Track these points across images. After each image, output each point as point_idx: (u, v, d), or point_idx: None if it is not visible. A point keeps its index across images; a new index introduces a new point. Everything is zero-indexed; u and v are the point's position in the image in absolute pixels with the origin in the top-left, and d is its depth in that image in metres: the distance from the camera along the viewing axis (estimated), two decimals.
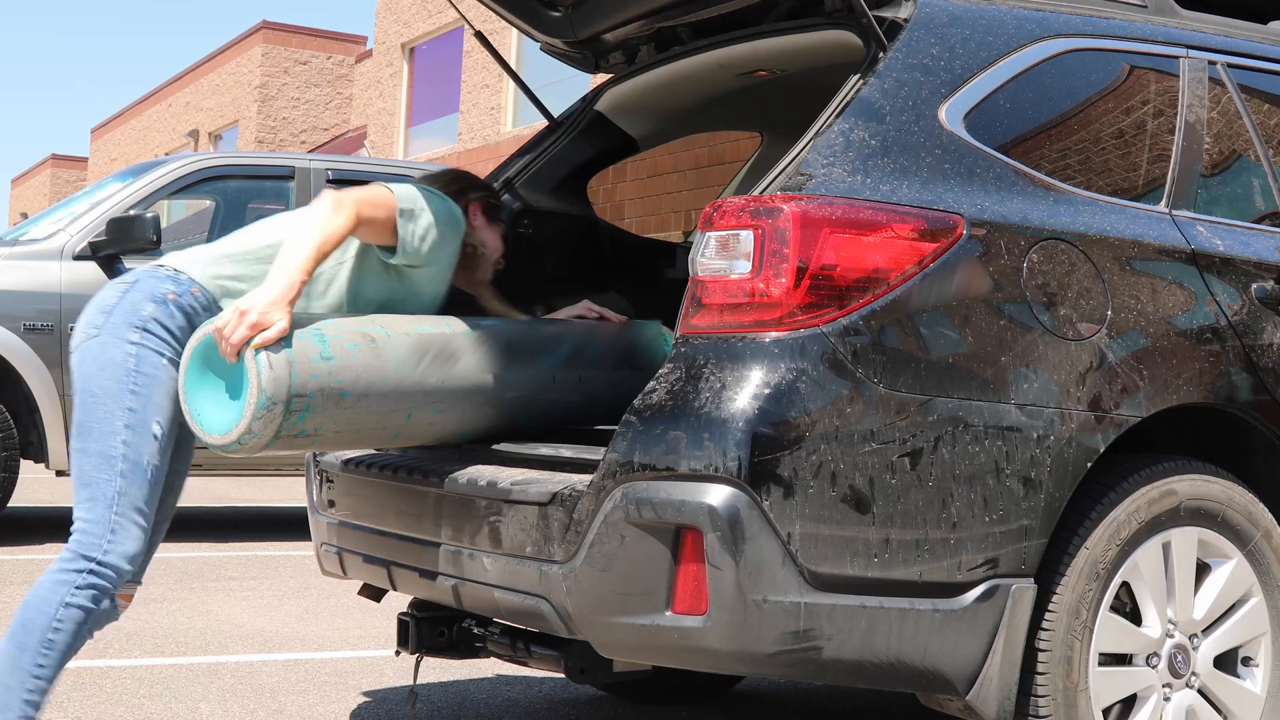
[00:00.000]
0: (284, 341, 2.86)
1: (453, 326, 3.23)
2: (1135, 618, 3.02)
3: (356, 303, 3.20)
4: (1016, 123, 3.09)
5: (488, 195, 3.51)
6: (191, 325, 2.97)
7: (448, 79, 22.31)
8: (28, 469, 12.43)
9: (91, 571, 2.82)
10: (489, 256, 3.50)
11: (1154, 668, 3.02)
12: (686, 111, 4.24)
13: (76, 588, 2.81)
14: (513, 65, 3.91)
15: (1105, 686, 2.94)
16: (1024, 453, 2.83)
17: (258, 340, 2.82)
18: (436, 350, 3.14)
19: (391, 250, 3.17)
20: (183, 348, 2.95)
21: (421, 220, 3.16)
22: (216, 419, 2.90)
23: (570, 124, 4.21)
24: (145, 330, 2.90)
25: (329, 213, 2.97)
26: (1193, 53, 3.45)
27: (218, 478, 12.19)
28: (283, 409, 2.85)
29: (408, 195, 3.14)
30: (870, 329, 2.73)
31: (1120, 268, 3.05)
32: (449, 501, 3.09)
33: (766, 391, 2.66)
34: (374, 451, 3.58)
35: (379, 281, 3.23)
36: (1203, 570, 3.12)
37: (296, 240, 2.93)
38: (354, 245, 3.18)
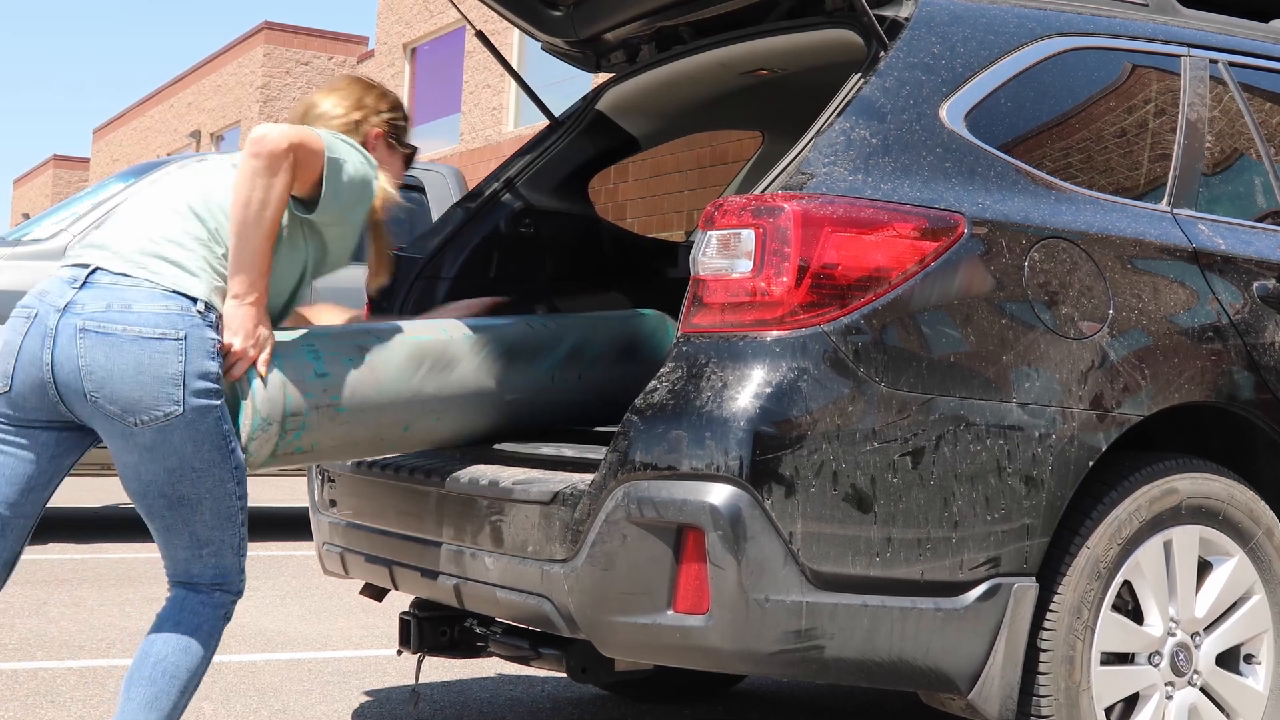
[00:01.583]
0: (276, 360, 2.84)
1: (450, 332, 3.20)
2: (1137, 616, 3.02)
3: (273, 283, 2.91)
4: (1018, 121, 3.09)
5: (392, 115, 3.13)
6: None
7: (449, 79, 22.31)
8: None
9: (233, 602, 2.88)
10: (390, 197, 3.05)
11: (1156, 666, 3.02)
12: (688, 111, 4.24)
13: (225, 617, 2.86)
14: (514, 65, 3.91)
15: (1107, 685, 2.94)
16: (1026, 451, 2.83)
17: (258, 366, 2.80)
18: (434, 358, 3.12)
19: (308, 204, 2.86)
20: None
21: (346, 168, 2.86)
22: None
23: (572, 123, 4.21)
24: (216, 389, 2.72)
25: (267, 178, 2.71)
26: (1194, 51, 3.45)
27: None
28: (278, 429, 2.85)
29: (329, 139, 2.84)
30: (872, 328, 2.73)
31: (1122, 266, 3.05)
32: (451, 501, 3.09)
33: (768, 390, 2.66)
34: None
35: (287, 248, 2.90)
36: (1204, 568, 3.12)
37: (245, 230, 2.73)
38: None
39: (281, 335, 2.93)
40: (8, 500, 2.76)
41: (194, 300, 2.71)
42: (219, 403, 2.72)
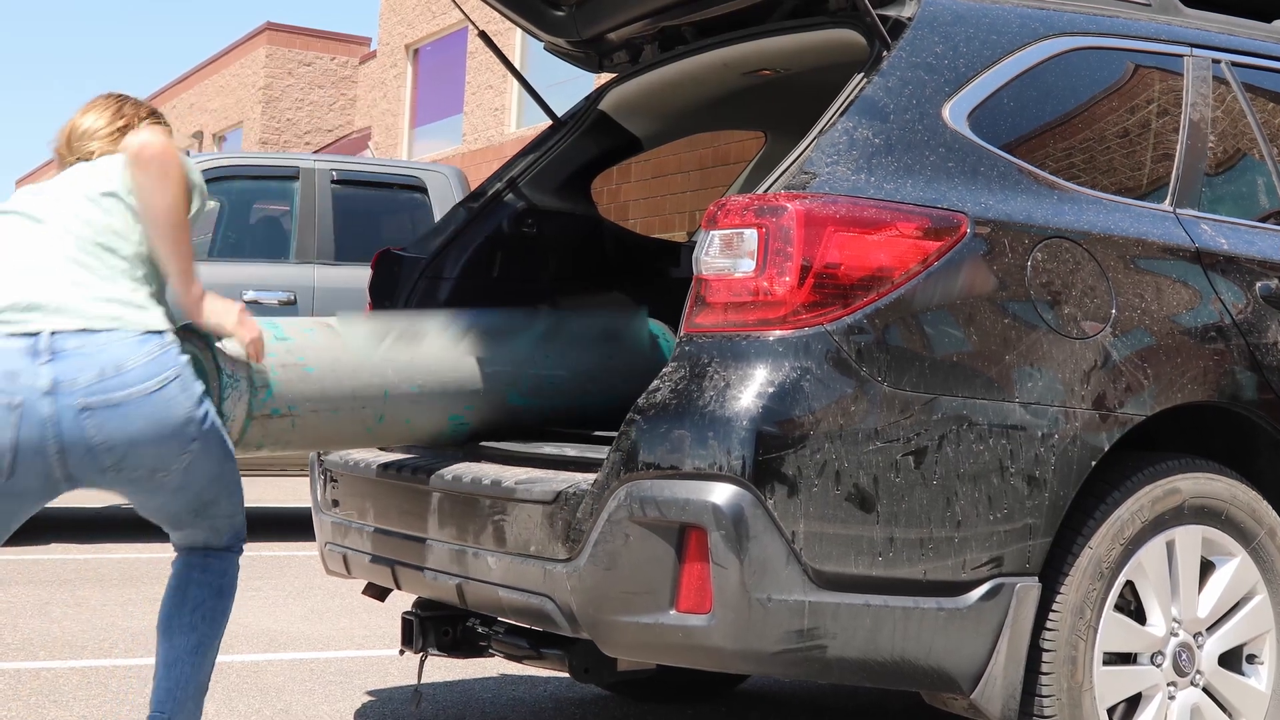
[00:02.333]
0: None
1: (418, 315, 3.32)
2: (1140, 616, 3.02)
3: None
4: (1020, 121, 3.09)
5: (152, 119, 3.12)
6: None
7: (451, 80, 22.31)
8: None
9: (241, 553, 3.08)
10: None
11: (1159, 666, 3.02)
12: (690, 111, 4.24)
13: (238, 567, 3.07)
14: (516, 66, 3.90)
15: (1110, 685, 2.94)
16: (1028, 451, 2.83)
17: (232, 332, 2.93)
18: (399, 331, 3.21)
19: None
20: None
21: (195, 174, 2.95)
22: None
23: (574, 123, 4.21)
24: (207, 397, 2.82)
25: (169, 178, 2.79)
26: (1197, 51, 3.45)
27: None
28: (247, 384, 2.93)
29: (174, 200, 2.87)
30: (874, 327, 2.73)
31: (1125, 266, 3.05)
32: (453, 501, 3.09)
33: (771, 390, 2.66)
34: (378, 451, 3.59)
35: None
36: (1207, 568, 3.12)
37: (174, 232, 2.81)
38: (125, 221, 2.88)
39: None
40: None
41: (162, 333, 2.75)
42: (209, 406, 2.81)
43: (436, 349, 3.25)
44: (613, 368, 3.56)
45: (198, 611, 2.96)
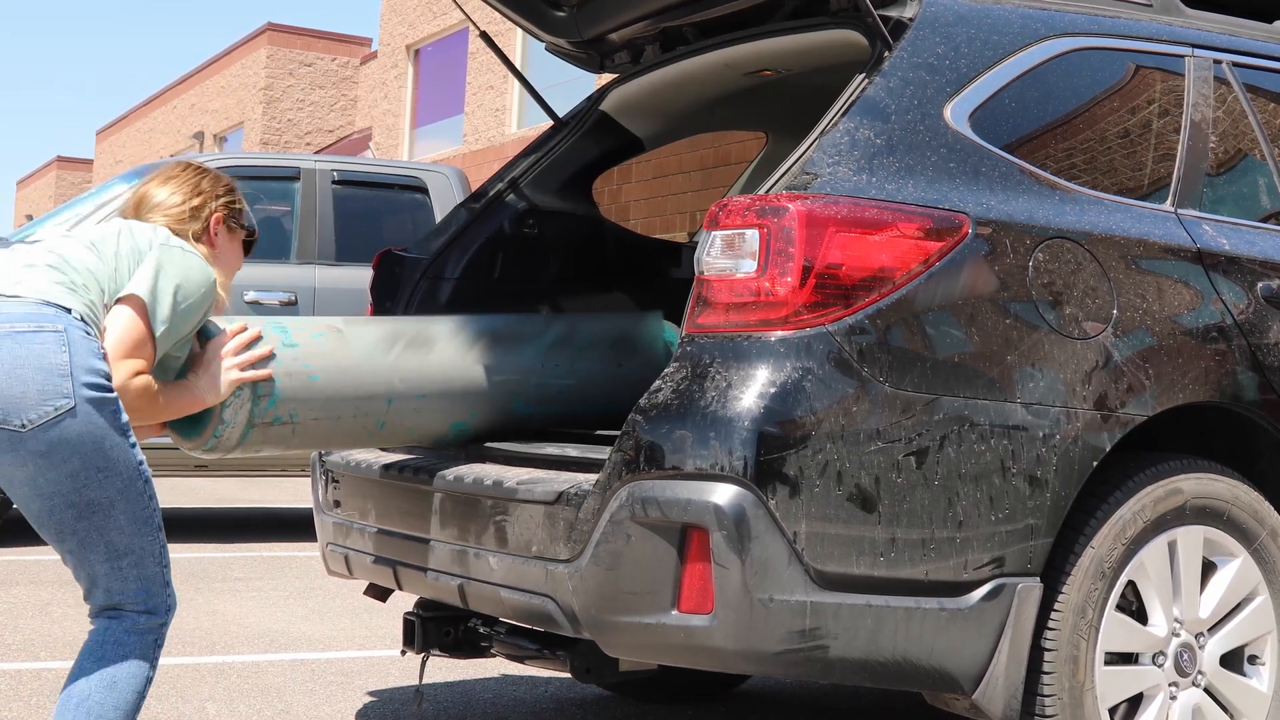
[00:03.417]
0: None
1: (427, 319, 3.26)
2: (1141, 617, 3.02)
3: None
4: (1022, 121, 3.09)
5: (230, 200, 3.03)
6: None
7: (452, 80, 22.31)
8: None
9: (163, 625, 2.66)
10: (222, 300, 2.95)
11: (1160, 667, 3.02)
12: (692, 111, 4.24)
13: (156, 643, 2.66)
14: (517, 66, 3.88)
15: (1111, 685, 2.94)
16: (1030, 452, 2.83)
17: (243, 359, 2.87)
18: (409, 338, 3.15)
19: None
20: None
21: (180, 308, 2.76)
22: (188, 425, 2.93)
23: (576, 124, 4.21)
24: (107, 384, 2.56)
25: (140, 403, 2.70)
26: (1198, 52, 3.45)
27: (223, 479, 12.20)
28: (250, 392, 2.86)
29: (149, 289, 2.71)
30: (876, 328, 2.73)
31: (1126, 266, 3.05)
32: (455, 501, 3.09)
33: (772, 391, 2.66)
34: (380, 451, 3.59)
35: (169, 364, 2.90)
36: (1208, 569, 3.12)
37: (160, 413, 2.78)
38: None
39: (246, 317, 2.95)
40: None
41: (68, 310, 2.57)
42: (114, 395, 2.54)
43: (444, 357, 3.20)
44: (623, 375, 3.54)
45: (82, 707, 2.54)
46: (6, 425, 2.45)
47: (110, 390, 2.55)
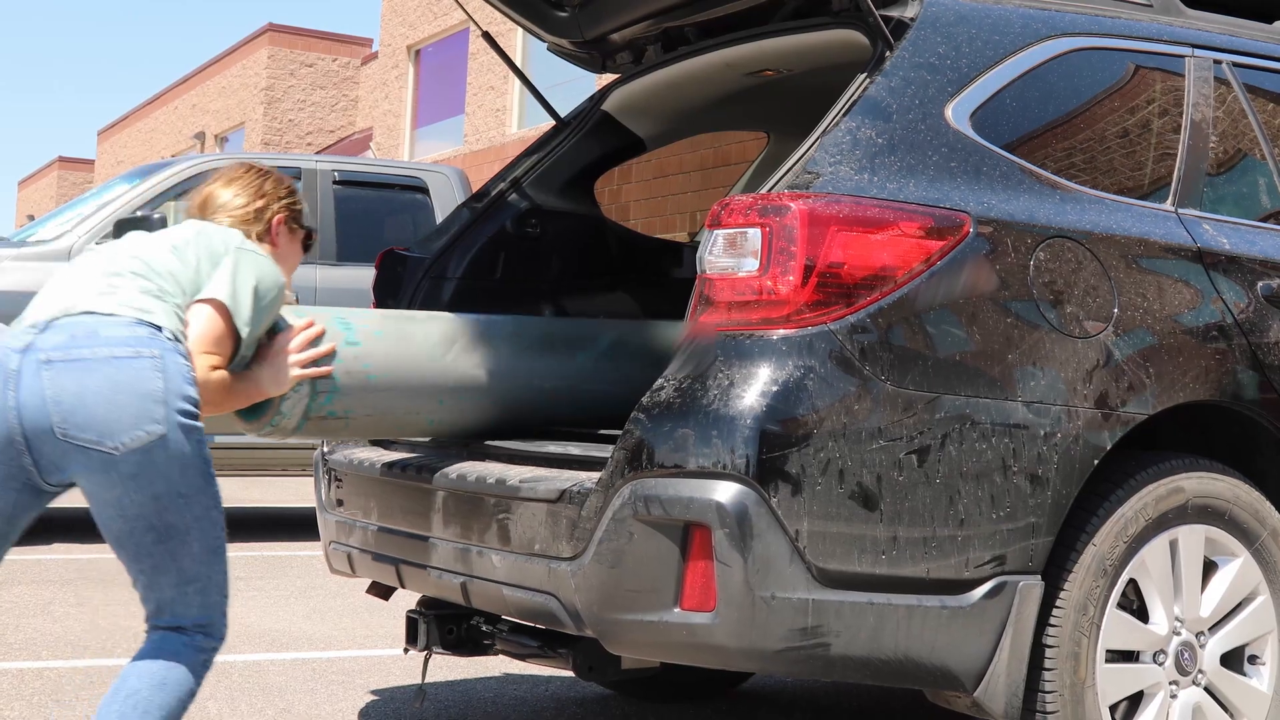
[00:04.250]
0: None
1: (485, 319, 3.31)
2: (1142, 615, 3.03)
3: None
4: (1023, 121, 3.10)
5: (290, 202, 3.13)
6: None
7: (453, 81, 22.32)
8: None
9: (215, 650, 2.72)
10: (288, 281, 3.07)
11: (1161, 665, 3.02)
12: (693, 111, 4.25)
13: (205, 664, 2.70)
14: (519, 66, 3.89)
15: (1112, 683, 2.95)
16: (1031, 450, 2.83)
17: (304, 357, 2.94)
18: (468, 338, 3.21)
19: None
20: None
21: (261, 302, 2.85)
22: (248, 409, 3.01)
23: (577, 124, 4.22)
24: (196, 411, 2.63)
25: (217, 398, 2.78)
26: (1198, 52, 3.46)
27: (224, 479, 12.21)
28: (309, 389, 2.94)
29: (230, 292, 2.80)
30: (878, 327, 2.74)
31: (1126, 266, 3.05)
32: (457, 499, 3.10)
33: (774, 389, 2.67)
34: (383, 450, 3.60)
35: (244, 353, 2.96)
36: (1209, 568, 3.12)
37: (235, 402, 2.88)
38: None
39: (314, 310, 3.03)
40: None
41: (160, 328, 2.63)
42: (201, 424, 2.63)
43: (498, 360, 3.25)
44: None
45: (130, 699, 2.58)
46: (101, 447, 2.52)
47: (198, 418, 2.63)
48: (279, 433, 3.00)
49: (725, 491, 2.63)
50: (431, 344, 3.16)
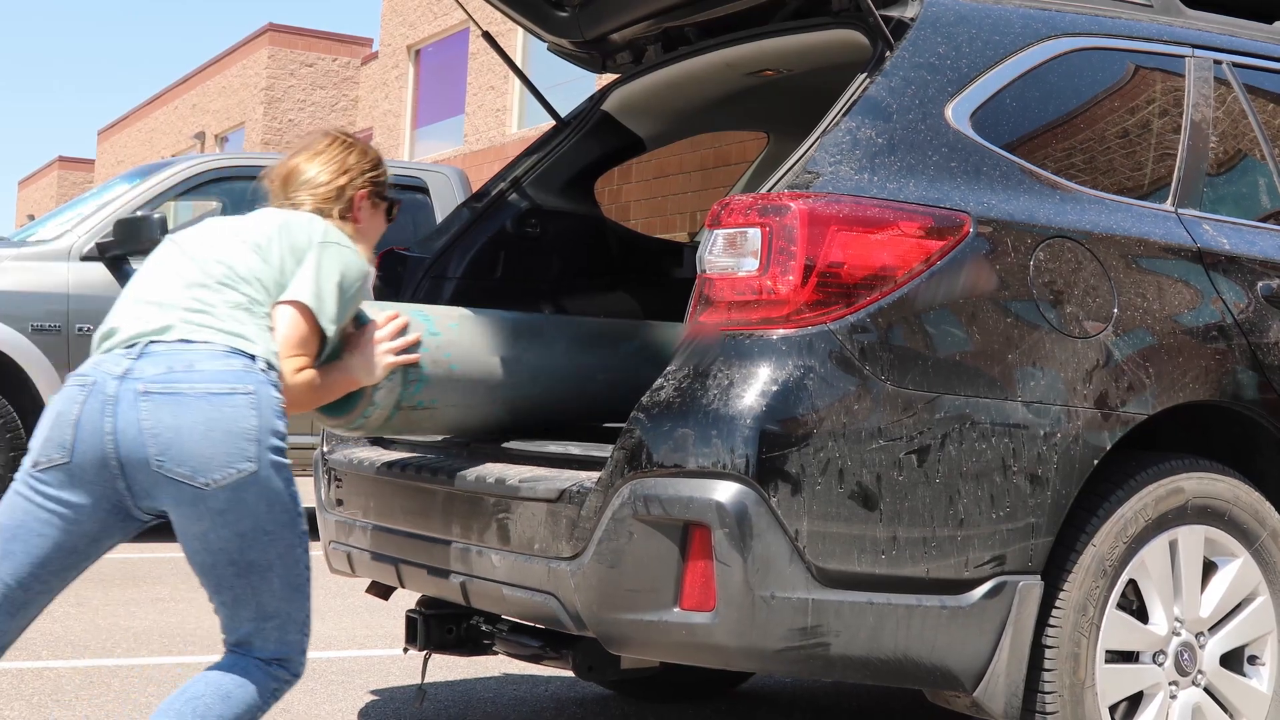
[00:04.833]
0: None
1: (538, 314, 3.45)
2: (1142, 615, 3.03)
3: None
4: (1023, 121, 3.10)
5: (374, 174, 3.12)
6: None
7: (453, 81, 22.33)
8: None
9: (288, 683, 2.71)
10: (370, 254, 3.09)
11: (1160, 665, 3.02)
12: (693, 111, 4.25)
13: (275, 692, 2.70)
14: (518, 66, 3.90)
15: (1112, 683, 2.95)
16: (1031, 450, 2.83)
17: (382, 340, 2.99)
18: (533, 331, 3.31)
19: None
20: None
21: (343, 299, 2.85)
22: (335, 404, 3.03)
23: (577, 124, 4.22)
24: (285, 447, 2.63)
25: (305, 395, 2.79)
26: (1198, 52, 3.46)
27: None
28: (400, 378, 2.99)
29: (314, 293, 2.79)
30: (877, 326, 2.74)
31: (1126, 266, 3.05)
32: (457, 499, 3.10)
33: (774, 389, 2.67)
34: (382, 449, 3.60)
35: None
36: (1209, 569, 3.12)
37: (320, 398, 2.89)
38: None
39: (395, 305, 3.09)
40: (32, 578, 2.61)
41: (253, 358, 2.62)
42: (289, 462, 2.63)
43: (559, 352, 3.36)
44: None
45: (191, 703, 2.58)
46: (193, 482, 2.53)
47: (285, 454, 2.62)
48: (368, 426, 3.02)
49: (725, 491, 2.63)
50: (504, 337, 3.24)
